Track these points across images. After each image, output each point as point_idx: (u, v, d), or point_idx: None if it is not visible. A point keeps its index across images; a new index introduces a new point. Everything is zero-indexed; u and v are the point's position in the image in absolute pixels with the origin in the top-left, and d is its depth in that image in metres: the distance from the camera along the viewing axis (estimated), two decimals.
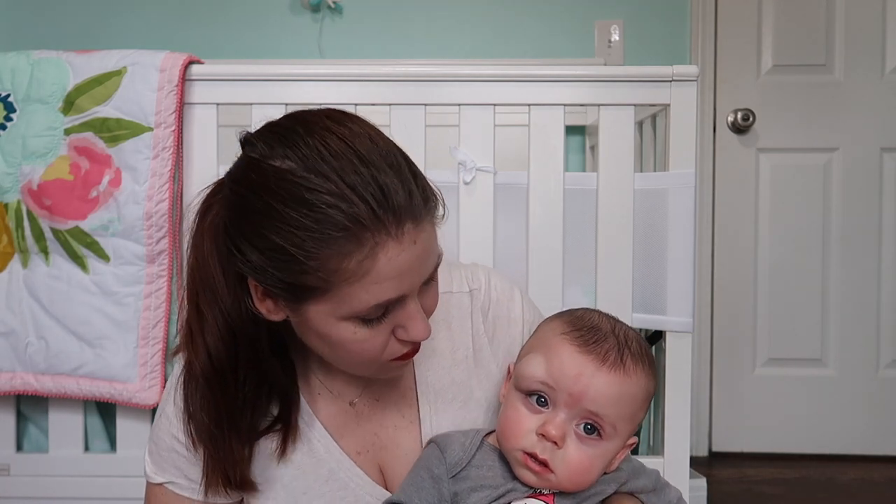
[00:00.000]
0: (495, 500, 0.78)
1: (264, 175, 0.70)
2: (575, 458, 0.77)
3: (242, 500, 0.86)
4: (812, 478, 2.22)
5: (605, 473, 0.81)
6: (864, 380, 2.42)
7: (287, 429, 0.82)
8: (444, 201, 0.76)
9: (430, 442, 0.85)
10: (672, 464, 1.39)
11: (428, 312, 0.76)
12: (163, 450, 0.85)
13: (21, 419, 1.48)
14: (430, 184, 0.75)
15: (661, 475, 0.89)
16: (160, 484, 0.85)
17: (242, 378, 0.77)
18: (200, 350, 0.76)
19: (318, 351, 0.78)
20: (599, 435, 0.78)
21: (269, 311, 0.75)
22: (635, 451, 1.44)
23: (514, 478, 0.79)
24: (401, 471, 0.86)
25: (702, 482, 1.64)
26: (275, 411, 0.82)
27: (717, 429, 2.45)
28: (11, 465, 1.44)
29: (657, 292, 1.40)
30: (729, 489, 2.11)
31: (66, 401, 1.41)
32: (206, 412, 0.78)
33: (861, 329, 2.41)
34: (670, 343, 1.40)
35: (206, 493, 0.82)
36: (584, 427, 0.78)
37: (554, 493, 0.79)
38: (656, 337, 1.46)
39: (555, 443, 0.76)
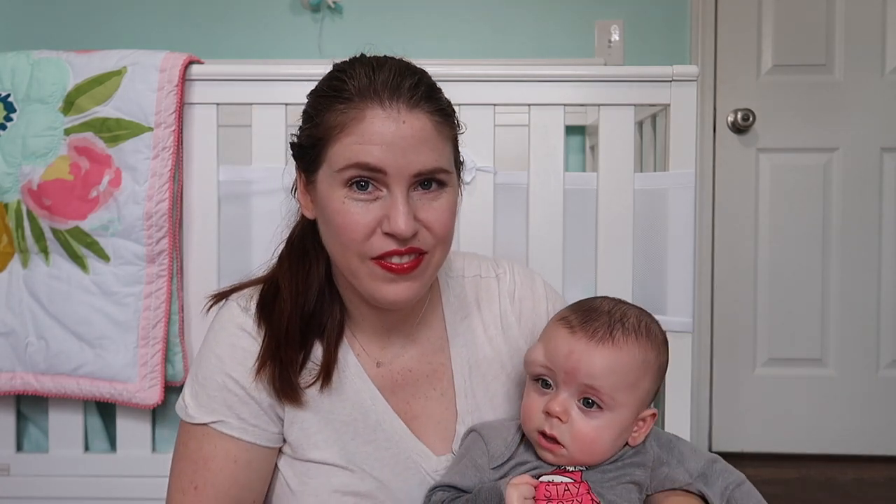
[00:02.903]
0: (530, 471, 0.86)
1: None
2: (580, 431, 0.83)
3: (282, 448, 0.91)
4: (812, 478, 2.22)
5: (629, 447, 0.87)
6: (864, 380, 2.42)
7: (329, 360, 0.89)
8: (458, 122, 0.88)
9: (471, 430, 0.91)
10: None
11: (431, 227, 0.83)
12: (212, 390, 0.88)
13: (21, 419, 1.48)
14: (451, 107, 0.86)
15: (721, 460, 0.90)
16: (205, 424, 0.87)
17: (307, 296, 0.89)
18: (284, 267, 0.91)
19: (327, 245, 0.87)
20: (600, 407, 0.84)
21: (306, 206, 0.88)
22: None
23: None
24: (433, 439, 0.92)
25: None
26: (319, 351, 0.90)
27: (717, 429, 2.45)
28: (11, 465, 1.44)
29: (657, 292, 1.40)
30: None
31: (66, 401, 1.41)
32: (280, 317, 0.87)
33: (861, 329, 2.41)
34: (670, 343, 1.39)
35: (255, 376, 0.87)
36: (585, 401, 0.84)
37: (581, 470, 0.85)
38: None
39: (559, 418, 0.83)
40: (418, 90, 0.81)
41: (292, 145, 0.88)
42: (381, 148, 0.79)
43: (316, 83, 1.34)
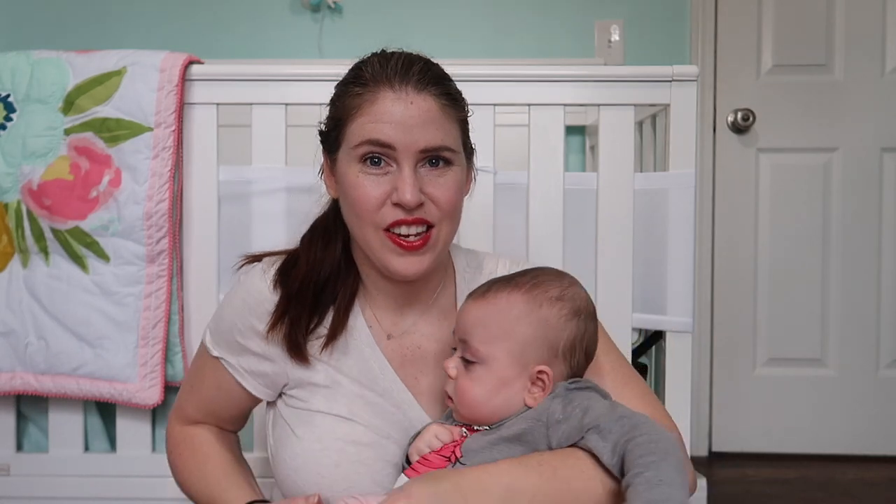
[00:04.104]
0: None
1: None
2: (460, 386, 0.87)
3: (277, 401, 1.01)
4: (812, 478, 2.22)
5: (527, 408, 0.86)
6: (864, 380, 2.42)
7: (338, 323, 0.97)
8: (466, 107, 0.96)
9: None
10: None
11: (437, 201, 0.90)
12: (223, 327, 1.01)
13: (21, 419, 1.48)
14: (460, 93, 0.95)
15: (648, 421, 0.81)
16: (212, 354, 1.02)
17: (323, 265, 0.98)
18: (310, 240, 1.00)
19: (347, 219, 0.95)
20: (474, 362, 0.86)
21: (330, 186, 0.97)
22: None
23: None
24: (438, 414, 0.97)
25: (702, 482, 1.63)
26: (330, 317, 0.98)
27: (717, 429, 2.45)
28: (11, 465, 1.44)
29: (657, 292, 1.40)
30: (729, 489, 2.11)
31: (66, 401, 1.42)
32: (294, 282, 0.96)
33: (861, 329, 2.41)
34: (670, 343, 1.40)
35: (266, 335, 0.97)
36: (466, 359, 0.87)
37: (476, 429, 0.87)
38: (656, 337, 1.46)
39: (450, 376, 0.88)
40: (426, 75, 0.90)
41: (320, 132, 0.98)
42: (392, 126, 0.87)
43: (317, 83, 1.39)
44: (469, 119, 0.97)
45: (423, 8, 2.42)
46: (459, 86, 1.38)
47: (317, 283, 0.97)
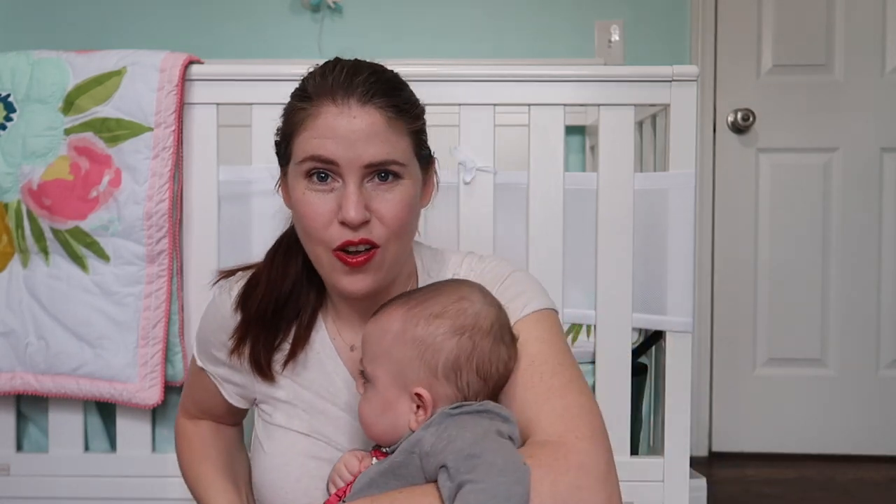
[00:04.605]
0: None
1: None
2: (358, 405, 0.86)
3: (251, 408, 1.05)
4: (812, 478, 2.22)
5: (412, 431, 0.81)
6: (864, 380, 2.42)
7: (298, 339, 0.98)
8: (421, 115, 0.93)
9: None
10: (672, 464, 1.40)
11: (383, 218, 0.87)
12: (200, 340, 1.06)
13: (21, 419, 1.48)
14: (412, 103, 0.91)
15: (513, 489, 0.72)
16: (200, 366, 1.06)
17: (283, 284, 0.97)
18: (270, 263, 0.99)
19: (300, 237, 0.93)
20: (369, 381, 0.85)
21: (285, 198, 0.95)
22: (635, 451, 1.45)
23: None
24: None
25: (702, 482, 1.63)
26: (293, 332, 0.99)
27: (717, 429, 2.45)
28: (11, 465, 1.44)
29: (657, 292, 1.40)
30: (729, 489, 2.11)
31: (66, 401, 1.41)
32: (252, 305, 0.97)
33: (861, 329, 2.41)
34: (670, 343, 1.40)
35: (229, 355, 1.00)
36: (365, 377, 0.86)
37: (383, 450, 0.86)
38: (656, 337, 1.46)
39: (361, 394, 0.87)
40: (371, 86, 0.86)
41: (275, 143, 0.96)
42: (334, 141, 0.85)
43: None
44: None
45: (423, 8, 2.42)
46: (459, 86, 1.40)
47: (278, 302, 0.96)
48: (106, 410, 1.46)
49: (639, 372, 1.48)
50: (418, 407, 0.82)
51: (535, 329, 0.90)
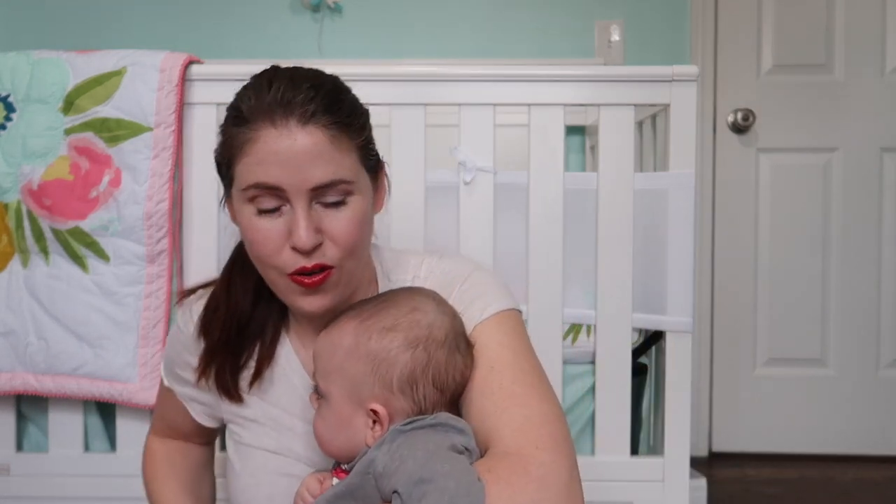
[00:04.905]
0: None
1: None
2: (313, 422, 0.85)
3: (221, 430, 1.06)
4: (812, 478, 2.22)
5: (368, 447, 0.79)
6: (864, 380, 2.42)
7: (263, 356, 0.96)
8: (366, 124, 0.88)
9: None
10: (672, 464, 1.40)
11: (335, 239, 0.84)
12: (166, 360, 1.05)
13: (21, 419, 1.47)
14: (355, 114, 0.87)
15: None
16: (168, 385, 1.06)
17: (242, 306, 0.96)
18: (228, 286, 0.97)
19: (251, 257, 0.91)
20: (322, 397, 0.83)
21: (232, 217, 0.92)
22: (635, 451, 1.45)
23: None
24: None
25: (702, 482, 1.63)
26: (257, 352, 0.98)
27: (717, 429, 2.45)
28: (11, 465, 1.44)
29: (657, 292, 1.40)
30: (729, 489, 2.11)
31: (66, 401, 1.41)
32: (215, 330, 0.96)
33: (861, 329, 2.41)
34: (670, 343, 1.40)
35: (197, 381, 1.00)
36: (318, 393, 0.84)
37: (342, 467, 0.84)
38: (656, 337, 1.46)
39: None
40: (311, 104, 0.82)
41: (216, 164, 0.91)
42: (277, 166, 0.81)
43: None
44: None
45: (423, 8, 2.42)
46: (459, 85, 1.40)
47: (240, 323, 0.95)
48: (106, 410, 1.46)
49: (639, 372, 1.48)
50: (374, 422, 0.80)
51: (496, 332, 0.88)
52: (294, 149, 0.80)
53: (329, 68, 1.42)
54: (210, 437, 1.13)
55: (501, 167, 1.41)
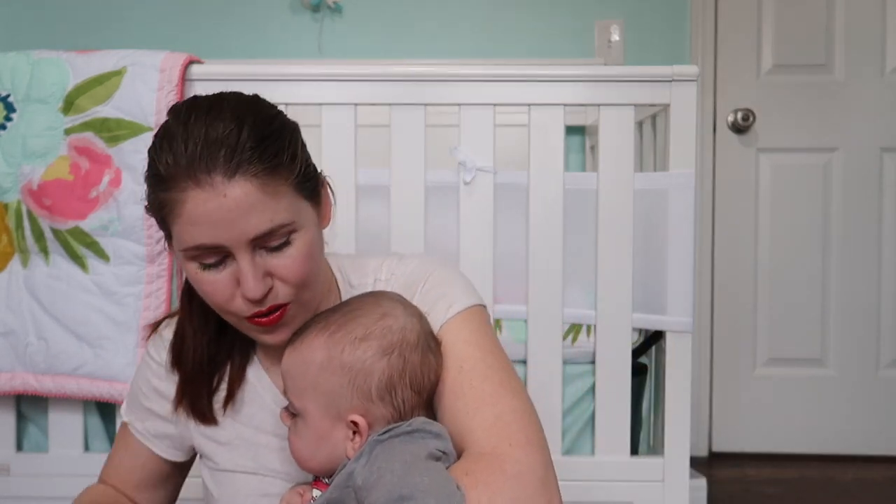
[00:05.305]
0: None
1: None
2: (289, 441, 0.83)
3: (193, 459, 1.02)
4: (812, 478, 2.22)
5: (349, 460, 0.78)
6: (864, 380, 2.42)
7: (234, 378, 0.95)
8: (296, 153, 0.82)
9: None
10: (672, 464, 1.40)
11: (284, 279, 0.81)
12: (131, 393, 1.01)
13: (21, 419, 1.48)
14: (282, 151, 0.80)
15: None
16: (125, 422, 1.01)
17: (209, 335, 0.93)
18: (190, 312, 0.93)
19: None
20: (296, 415, 0.82)
21: (179, 264, 0.87)
22: (635, 451, 1.45)
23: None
24: None
25: (702, 482, 1.64)
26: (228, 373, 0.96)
27: (717, 429, 2.45)
28: (11, 465, 1.44)
29: (657, 292, 1.40)
30: (729, 489, 2.11)
31: (66, 401, 1.41)
32: (187, 359, 0.93)
33: (861, 329, 2.41)
34: (670, 343, 1.40)
35: (175, 409, 0.96)
36: (290, 411, 0.83)
37: (324, 481, 0.82)
38: (656, 337, 1.46)
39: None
40: (235, 155, 0.76)
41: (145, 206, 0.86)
42: (210, 227, 0.77)
43: (317, 83, 1.31)
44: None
45: (423, 8, 2.42)
46: (459, 86, 1.40)
47: (209, 350, 0.93)
48: (106, 410, 1.46)
49: (639, 372, 1.48)
50: (354, 433, 0.79)
51: (462, 331, 0.87)
52: (225, 206, 0.76)
53: (329, 68, 1.43)
54: (164, 493, 1.04)
55: (501, 167, 1.41)
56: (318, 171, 0.87)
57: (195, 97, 0.83)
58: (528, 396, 0.86)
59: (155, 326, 1.00)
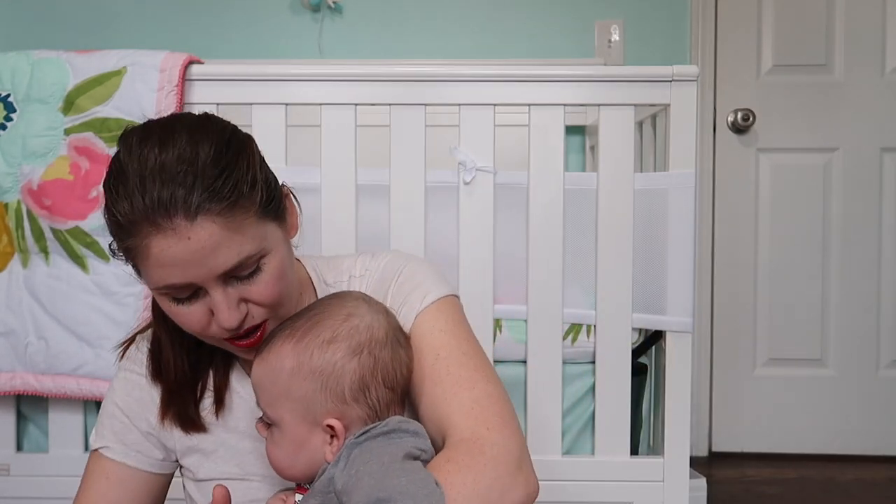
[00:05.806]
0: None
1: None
2: (266, 450, 0.82)
3: (176, 470, 0.99)
4: (812, 478, 2.22)
5: (328, 464, 0.78)
6: (864, 380, 2.42)
7: (220, 384, 0.94)
8: (257, 180, 0.80)
9: None
10: (672, 464, 1.40)
11: (260, 303, 0.81)
12: (104, 417, 0.96)
13: (21, 419, 1.48)
14: (242, 182, 0.78)
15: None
16: (96, 450, 0.95)
17: (187, 344, 0.91)
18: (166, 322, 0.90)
19: None
20: (272, 424, 0.81)
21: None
22: (635, 451, 1.45)
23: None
24: None
25: (702, 482, 1.64)
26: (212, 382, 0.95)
27: (717, 429, 2.45)
28: (11, 465, 1.44)
29: (657, 292, 1.40)
30: (729, 489, 2.11)
31: (66, 401, 1.41)
32: (168, 372, 0.93)
33: (861, 329, 2.41)
34: (670, 343, 1.40)
35: (161, 420, 0.94)
36: (265, 420, 0.82)
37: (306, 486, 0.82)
38: (656, 337, 1.46)
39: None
40: (192, 196, 0.74)
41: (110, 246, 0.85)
42: (177, 268, 0.76)
43: (317, 83, 1.30)
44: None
45: (423, 8, 2.41)
46: (459, 86, 1.40)
47: (189, 357, 0.92)
48: None
49: (639, 372, 1.48)
50: (332, 437, 0.79)
51: (437, 320, 0.89)
52: (190, 248, 0.75)
53: (329, 68, 1.43)
54: None
55: (501, 167, 1.41)
56: (279, 184, 0.86)
57: (147, 124, 0.81)
58: (501, 382, 0.88)
59: (128, 343, 0.99)
